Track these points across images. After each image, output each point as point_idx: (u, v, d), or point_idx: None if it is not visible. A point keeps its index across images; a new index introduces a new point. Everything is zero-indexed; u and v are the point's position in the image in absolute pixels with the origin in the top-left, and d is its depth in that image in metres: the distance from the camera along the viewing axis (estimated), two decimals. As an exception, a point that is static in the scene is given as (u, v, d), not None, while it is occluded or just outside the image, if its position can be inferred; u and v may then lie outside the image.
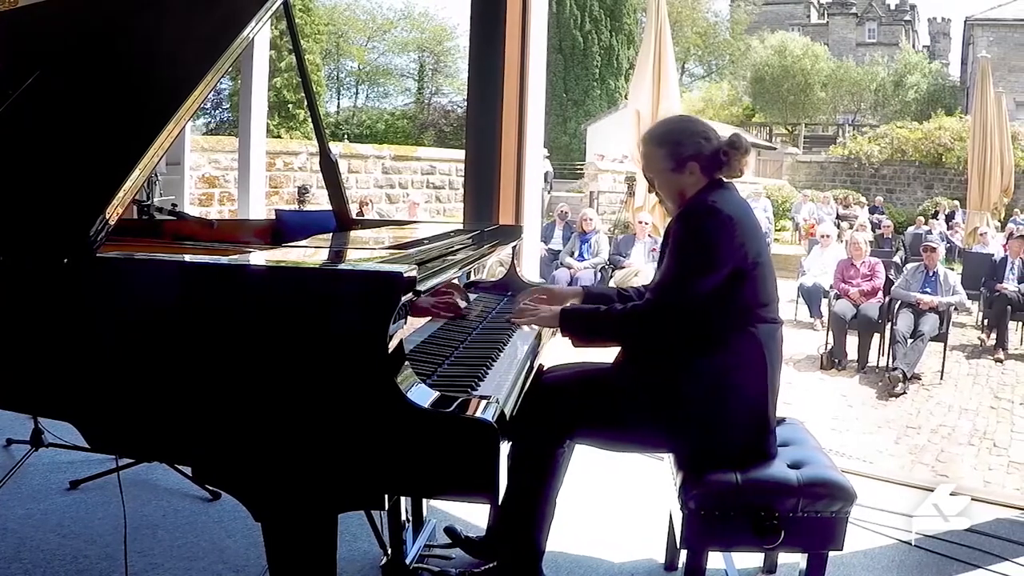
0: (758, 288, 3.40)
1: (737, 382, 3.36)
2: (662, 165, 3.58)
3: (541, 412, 3.43)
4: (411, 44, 59.38)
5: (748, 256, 3.35)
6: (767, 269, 3.45)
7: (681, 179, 3.55)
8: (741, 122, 50.35)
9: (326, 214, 4.55)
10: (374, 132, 53.36)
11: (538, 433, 3.46)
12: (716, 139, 3.58)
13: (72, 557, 4.12)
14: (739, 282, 3.35)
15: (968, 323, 15.36)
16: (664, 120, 3.89)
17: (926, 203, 34.01)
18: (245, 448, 2.54)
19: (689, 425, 3.38)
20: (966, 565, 4.28)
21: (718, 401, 3.35)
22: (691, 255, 3.36)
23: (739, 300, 3.37)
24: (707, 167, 3.53)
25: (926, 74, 54.06)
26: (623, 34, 50.71)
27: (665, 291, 3.42)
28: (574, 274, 14.78)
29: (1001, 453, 9.34)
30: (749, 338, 3.37)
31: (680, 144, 3.55)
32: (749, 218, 3.48)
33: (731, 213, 3.35)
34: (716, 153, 3.53)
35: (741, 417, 3.38)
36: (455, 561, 3.88)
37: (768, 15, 60.57)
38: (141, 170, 2.77)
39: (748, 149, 3.59)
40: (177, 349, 2.56)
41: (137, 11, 3.40)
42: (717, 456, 3.37)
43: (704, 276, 3.31)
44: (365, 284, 2.48)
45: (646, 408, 3.40)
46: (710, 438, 3.37)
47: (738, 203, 3.49)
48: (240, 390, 2.51)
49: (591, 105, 49.64)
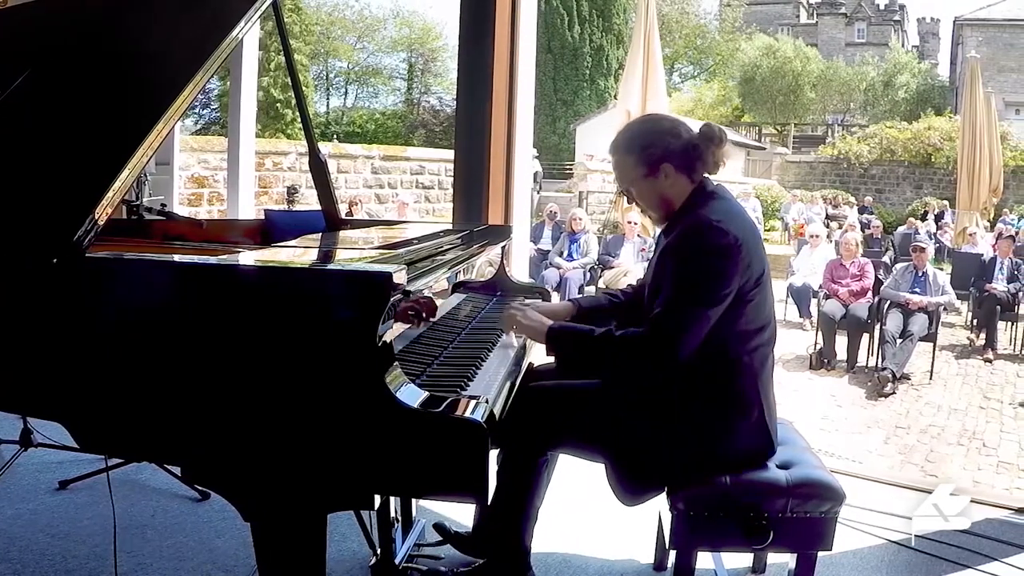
0: (755, 312, 3.25)
1: (729, 415, 3.26)
2: (634, 173, 3.39)
3: (526, 422, 3.31)
4: (400, 44, 59.41)
5: (752, 278, 3.19)
6: (766, 289, 3.30)
7: (658, 184, 3.36)
8: (730, 122, 50.47)
9: (315, 214, 4.55)
10: (363, 132, 53.32)
11: (522, 443, 3.38)
12: (686, 133, 3.39)
13: (61, 557, 4.11)
14: (738, 306, 3.18)
15: (957, 323, 15.42)
16: (628, 125, 3.63)
17: (915, 203, 34.16)
18: (234, 448, 2.54)
19: (682, 458, 3.27)
20: (955, 565, 4.28)
21: (710, 437, 3.26)
22: (694, 285, 3.13)
23: (736, 325, 3.21)
24: (682, 165, 3.34)
25: (915, 74, 54.21)
26: (613, 34, 50.71)
27: (663, 323, 3.13)
28: (563, 274, 14.78)
29: (990, 453, 9.36)
30: (742, 366, 3.25)
31: (648, 147, 3.36)
32: (753, 234, 3.26)
33: (737, 234, 3.13)
34: (687, 148, 3.34)
35: (735, 449, 3.29)
36: (444, 560, 3.87)
37: (757, 15, 60.67)
38: (130, 170, 2.76)
39: (722, 139, 3.43)
40: (166, 349, 2.56)
41: (126, 11, 3.40)
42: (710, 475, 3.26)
43: (708, 308, 3.11)
44: (354, 284, 2.48)
45: (637, 433, 3.28)
46: (703, 468, 3.27)
47: (739, 216, 3.30)
48: (230, 390, 2.51)
49: (580, 105, 49.64)
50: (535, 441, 3.39)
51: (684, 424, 3.24)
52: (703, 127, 3.43)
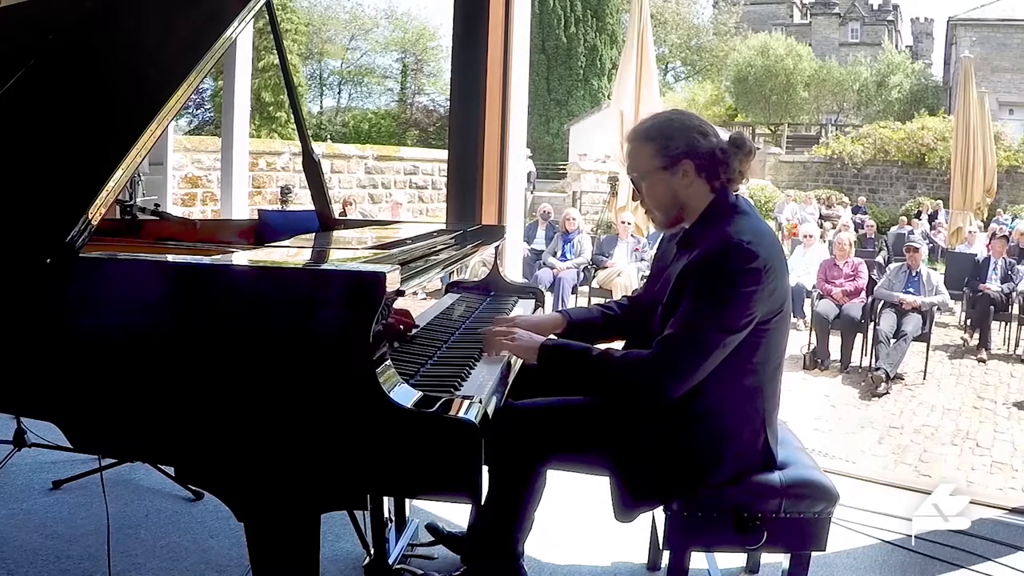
0: (773, 343, 3.09)
1: (732, 431, 3.13)
2: (650, 164, 3.15)
3: (516, 439, 3.12)
4: (394, 44, 59.33)
5: (773, 308, 3.02)
6: (785, 321, 3.15)
7: (673, 181, 3.14)
8: (724, 122, 50.42)
9: (309, 214, 4.55)
10: (357, 132, 53.29)
11: (510, 464, 3.19)
12: (715, 136, 3.17)
13: (55, 557, 4.11)
14: (754, 336, 3.00)
15: (951, 323, 15.44)
16: (655, 114, 3.33)
17: (909, 203, 34.17)
18: (228, 448, 2.54)
19: (676, 475, 3.15)
20: (949, 565, 4.28)
21: (710, 454, 3.13)
22: (716, 308, 2.92)
23: (751, 355, 3.04)
24: (703, 168, 3.12)
25: (909, 74, 54.21)
26: (606, 34, 50.79)
27: (677, 346, 2.94)
28: (557, 274, 14.75)
29: (984, 453, 9.36)
30: (748, 392, 3.10)
31: (671, 139, 3.12)
32: (779, 258, 3.07)
33: (765, 258, 2.94)
34: (713, 152, 3.13)
35: (734, 466, 3.17)
36: (438, 561, 3.88)
37: (751, 15, 60.58)
38: (124, 170, 2.76)
39: (752, 151, 3.23)
40: (160, 349, 2.55)
41: (120, 11, 3.39)
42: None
43: (727, 334, 2.93)
44: (348, 284, 2.48)
45: (633, 453, 3.13)
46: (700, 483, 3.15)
47: (767, 236, 3.09)
48: (223, 390, 2.51)
49: (574, 105, 49.70)
50: (527, 459, 3.22)
51: (684, 443, 3.10)
52: (734, 134, 3.26)
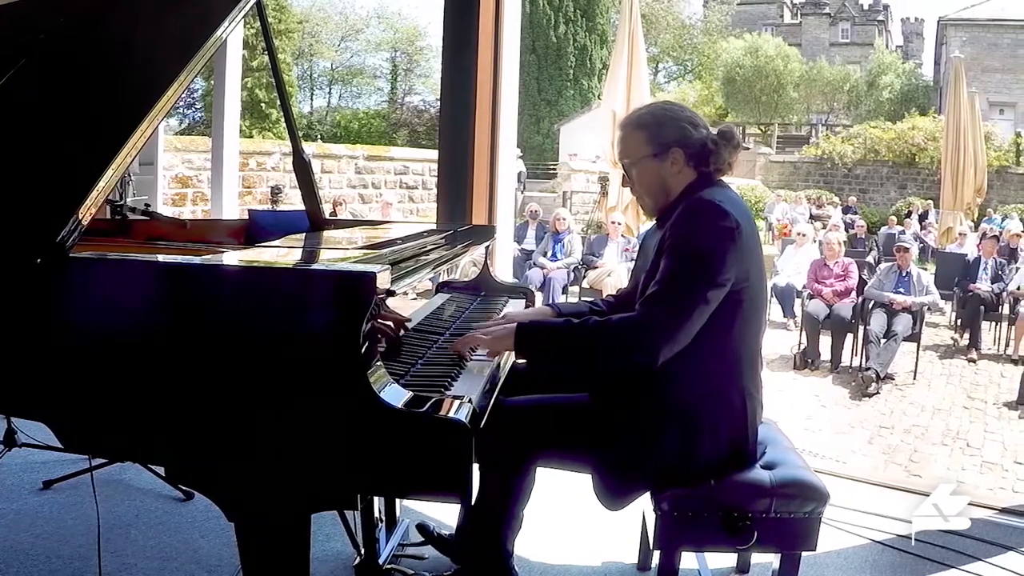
0: (746, 317, 3.13)
1: (714, 426, 3.18)
2: (642, 151, 3.24)
3: (504, 441, 3.20)
4: (384, 44, 59.34)
5: (747, 272, 3.07)
6: (759, 299, 3.22)
7: (663, 168, 3.22)
8: (714, 122, 50.10)
9: (299, 214, 4.55)
10: (347, 132, 53.25)
11: (500, 461, 3.27)
12: (705, 128, 3.26)
13: (45, 557, 4.11)
14: (729, 304, 3.04)
15: (941, 323, 15.45)
16: (648, 104, 3.48)
17: (899, 203, 34.27)
18: (218, 448, 2.54)
19: (663, 466, 3.19)
20: (939, 565, 4.29)
21: (694, 446, 3.17)
22: (696, 263, 2.99)
23: (726, 326, 3.08)
24: (693, 156, 3.21)
25: (899, 74, 54.19)
26: (597, 34, 50.74)
27: (661, 303, 3.00)
28: (547, 274, 14.75)
29: (974, 453, 9.39)
30: (728, 381, 3.17)
31: (662, 127, 3.22)
32: (751, 225, 3.13)
33: (738, 220, 3.02)
34: (703, 143, 3.21)
35: (718, 456, 3.20)
36: (428, 561, 3.88)
37: (741, 15, 60.58)
38: (114, 170, 2.75)
39: (739, 144, 3.33)
40: (150, 349, 2.55)
41: (110, 10, 3.39)
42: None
43: (707, 289, 2.97)
44: (338, 284, 2.47)
45: (618, 438, 3.18)
46: (684, 478, 3.18)
47: (740, 204, 3.17)
48: (213, 390, 2.50)
49: (564, 105, 49.68)
50: (514, 459, 3.30)
51: (667, 425, 3.15)
52: (722, 127, 3.31)
